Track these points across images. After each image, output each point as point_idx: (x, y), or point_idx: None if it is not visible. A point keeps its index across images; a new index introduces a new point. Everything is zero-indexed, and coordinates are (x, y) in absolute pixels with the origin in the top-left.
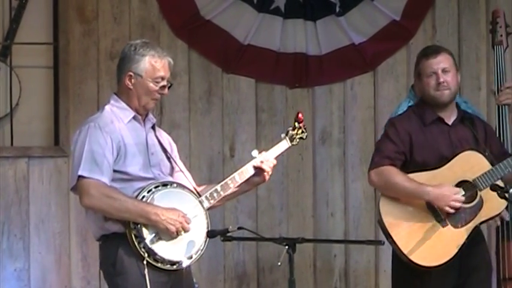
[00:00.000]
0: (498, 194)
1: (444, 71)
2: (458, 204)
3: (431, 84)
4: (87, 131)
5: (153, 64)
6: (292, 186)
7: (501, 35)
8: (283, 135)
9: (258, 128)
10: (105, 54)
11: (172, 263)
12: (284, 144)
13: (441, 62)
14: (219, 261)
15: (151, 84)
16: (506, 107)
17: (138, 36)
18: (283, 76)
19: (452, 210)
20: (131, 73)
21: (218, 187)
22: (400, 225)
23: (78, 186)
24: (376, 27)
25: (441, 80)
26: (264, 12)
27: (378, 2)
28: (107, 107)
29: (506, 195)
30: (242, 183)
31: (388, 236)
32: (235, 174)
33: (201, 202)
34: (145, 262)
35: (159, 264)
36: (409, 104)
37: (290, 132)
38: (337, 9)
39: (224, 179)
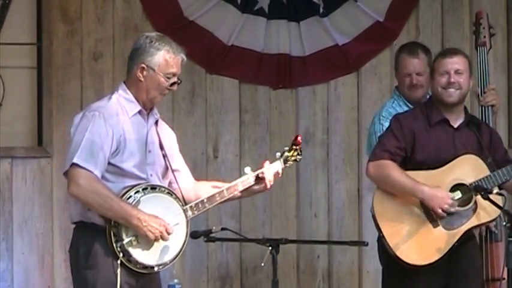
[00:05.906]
0: (481, 196)
1: (457, 72)
2: (451, 209)
3: (441, 82)
4: (92, 118)
5: (167, 59)
6: (276, 187)
7: (484, 36)
8: (278, 155)
9: (242, 129)
10: (88, 54)
11: (145, 267)
12: (277, 165)
13: (456, 63)
14: (202, 262)
15: (162, 79)
16: (490, 108)
17: (121, 37)
18: (267, 77)
19: (443, 214)
20: (144, 65)
21: (205, 199)
22: (391, 221)
23: (70, 173)
24: (360, 28)
25: (452, 80)
26: (248, 13)
27: (361, 3)
28: (114, 97)
29: (490, 196)
30: (243, 190)
31: (379, 229)
32: (224, 189)
33: (185, 211)
34: (119, 261)
35: (131, 266)
36: (394, 105)
37: (285, 153)
38: (321, 10)
39: (213, 192)
